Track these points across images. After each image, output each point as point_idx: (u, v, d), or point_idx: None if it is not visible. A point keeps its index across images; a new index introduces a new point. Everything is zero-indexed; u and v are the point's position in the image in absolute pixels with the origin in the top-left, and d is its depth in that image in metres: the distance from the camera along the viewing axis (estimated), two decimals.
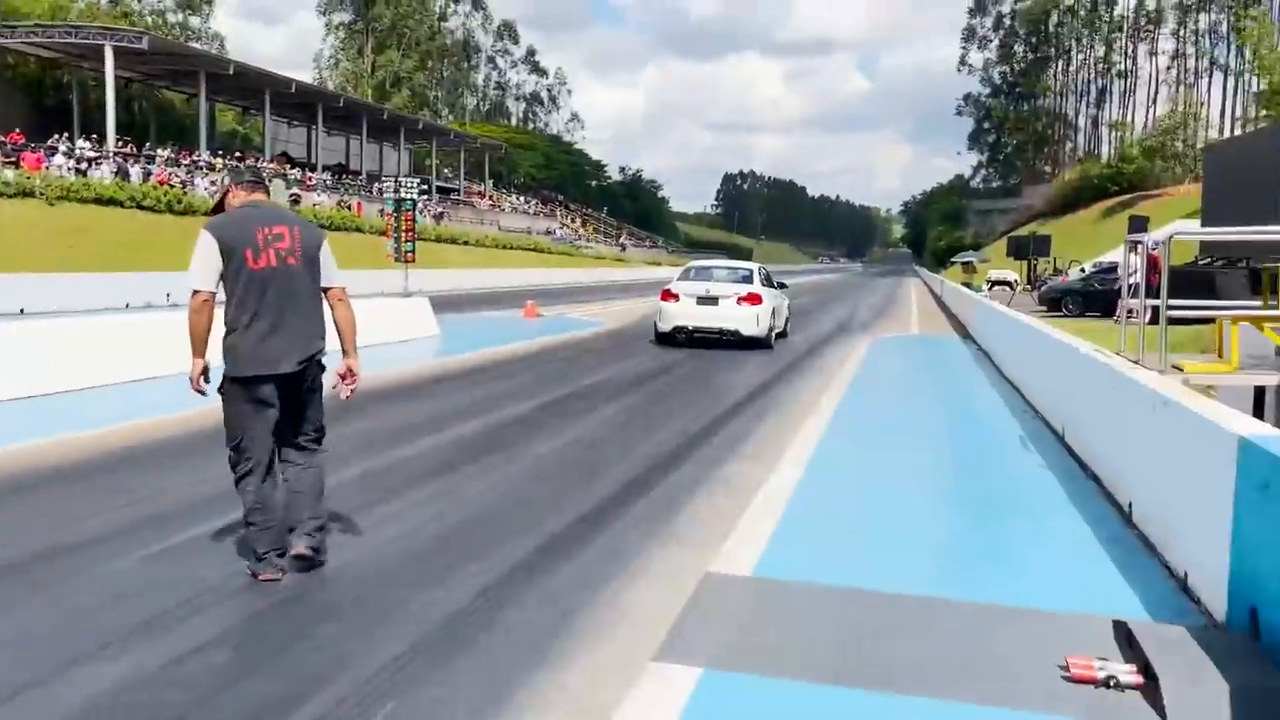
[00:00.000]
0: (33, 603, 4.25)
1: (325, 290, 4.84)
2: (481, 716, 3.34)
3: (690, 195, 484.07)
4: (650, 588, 4.70)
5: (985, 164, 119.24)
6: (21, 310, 20.69)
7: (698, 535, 5.59)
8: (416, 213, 20.75)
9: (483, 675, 3.66)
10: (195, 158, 43.28)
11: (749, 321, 16.21)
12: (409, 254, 19.97)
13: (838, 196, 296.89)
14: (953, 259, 73.83)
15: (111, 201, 31.42)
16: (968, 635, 4.18)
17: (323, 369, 4.84)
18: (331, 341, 4.79)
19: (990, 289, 40.70)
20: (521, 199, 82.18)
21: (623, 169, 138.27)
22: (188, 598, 4.33)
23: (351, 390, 4.95)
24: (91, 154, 36.31)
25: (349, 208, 47.63)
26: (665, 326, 16.83)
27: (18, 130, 36.42)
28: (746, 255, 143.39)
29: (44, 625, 4.00)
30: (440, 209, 59.55)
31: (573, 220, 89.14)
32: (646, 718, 3.35)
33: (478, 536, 5.41)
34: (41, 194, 29.16)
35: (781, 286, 18.71)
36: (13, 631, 3.92)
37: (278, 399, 4.65)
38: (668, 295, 16.91)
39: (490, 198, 74.87)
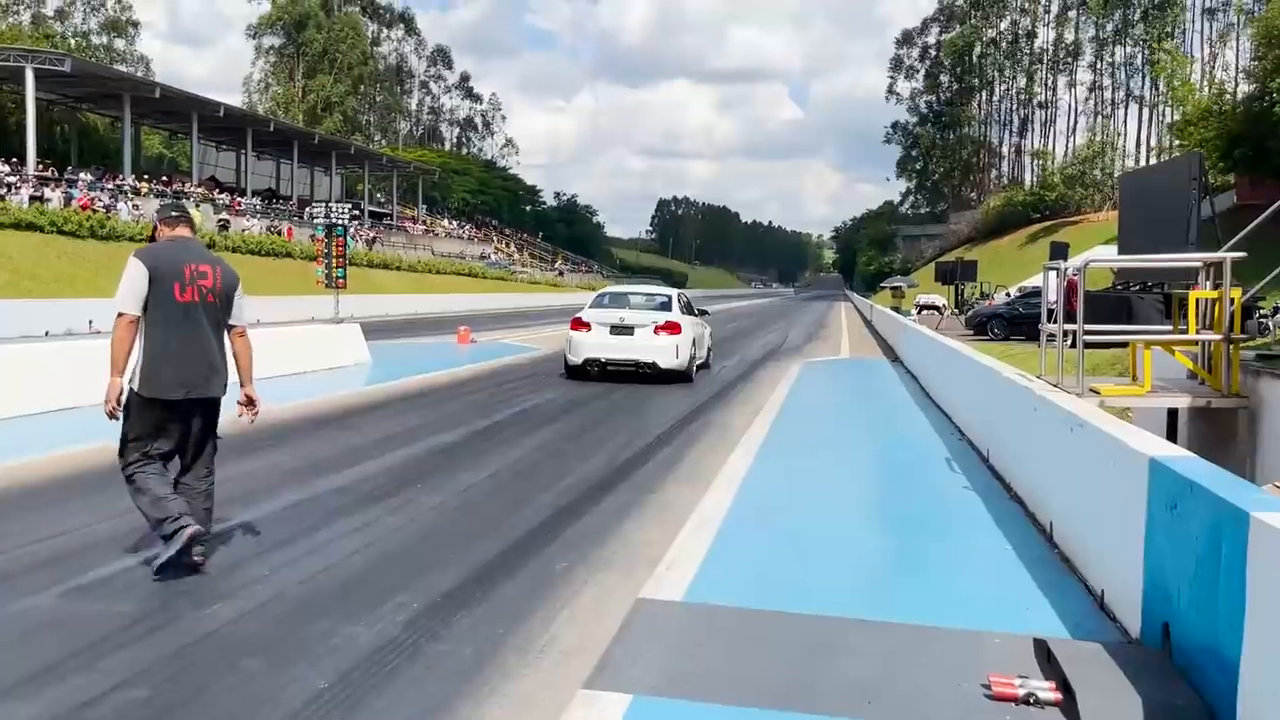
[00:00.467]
0: None
1: (231, 327, 5.35)
2: None
3: (625, 220, 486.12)
4: (579, 616, 4.67)
5: (914, 190, 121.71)
6: None
7: (628, 561, 5.58)
8: (348, 238, 20.55)
9: (409, 709, 3.61)
10: (120, 182, 42.32)
11: (667, 352, 14.84)
12: (340, 280, 19.72)
13: (770, 222, 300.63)
14: (882, 284, 75.13)
15: (30, 226, 30.56)
16: (893, 655, 4.24)
17: (216, 412, 5.31)
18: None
19: (919, 313, 41.49)
20: (456, 224, 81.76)
21: (558, 194, 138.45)
22: (104, 634, 4.20)
23: (254, 417, 5.45)
24: (9, 178, 35.29)
25: (279, 233, 46.93)
26: (576, 359, 15.17)
27: None
28: (681, 281, 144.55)
29: None
30: (373, 234, 58.95)
31: (508, 245, 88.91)
32: None
33: (404, 567, 5.34)
34: None
35: (702, 314, 17.55)
36: None
37: (178, 423, 5.10)
38: (578, 324, 15.21)
39: (424, 222, 74.36)
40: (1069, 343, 9.42)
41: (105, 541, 5.66)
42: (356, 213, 43.37)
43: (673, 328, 14.97)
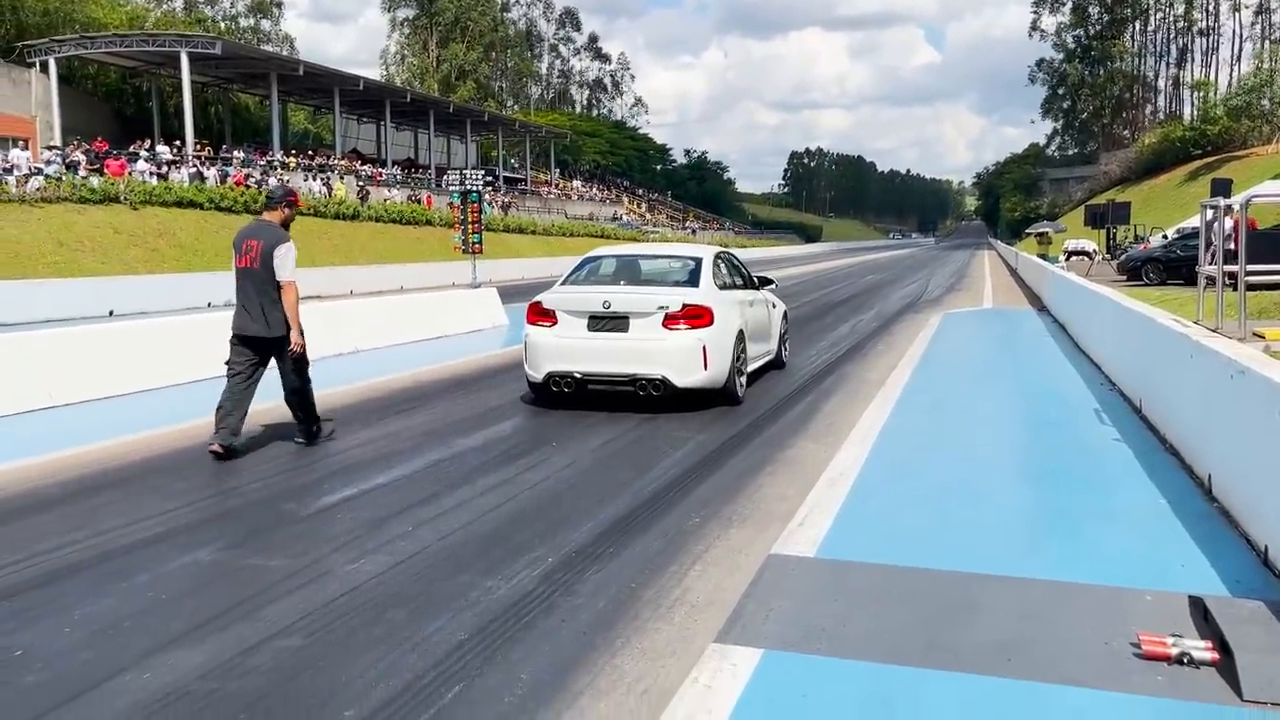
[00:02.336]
0: (117, 592, 4.41)
1: (277, 285, 7.08)
2: (539, 700, 3.38)
3: (756, 176, 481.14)
4: (710, 571, 4.69)
5: (1060, 131, 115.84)
6: (111, 312, 21.42)
7: (760, 517, 5.56)
8: (484, 204, 20.95)
9: (545, 660, 3.70)
10: (269, 158, 44.24)
11: (685, 358, 8.64)
12: (476, 245, 20.15)
13: (908, 171, 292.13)
14: (1027, 230, 71.96)
15: (191, 204, 32.30)
16: (1036, 612, 4.11)
17: (272, 347, 7.18)
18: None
19: (1067, 259, 39.63)
20: (587, 186, 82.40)
21: (687, 152, 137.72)
22: (262, 588, 4.45)
23: (293, 353, 7.14)
24: (171, 158, 37.34)
25: (419, 201, 48.27)
26: (536, 374, 9.07)
27: (101, 139, 37.63)
28: (815, 234, 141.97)
29: (129, 613, 4.14)
30: (507, 199, 60.00)
31: (639, 205, 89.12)
32: (706, 698, 3.35)
33: (539, 524, 5.45)
34: (125, 199, 30.10)
35: (764, 283, 11.03)
36: (103, 619, 4.07)
37: (239, 351, 7.20)
38: (539, 314, 9.15)
39: (556, 186, 75.21)
40: (1231, 285, 8.85)
41: (264, 500, 5.99)
42: (490, 179, 44.03)
43: (696, 316, 8.72)
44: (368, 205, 42.63)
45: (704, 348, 8.66)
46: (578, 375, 8.80)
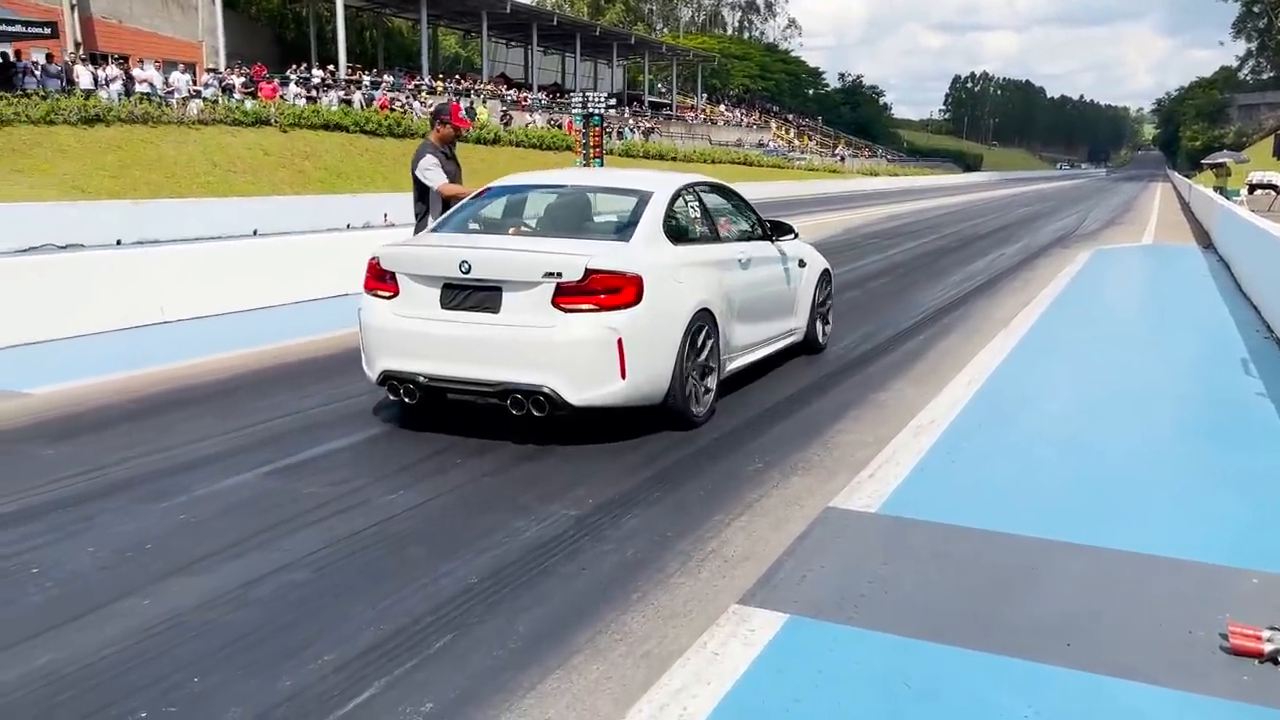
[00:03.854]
0: (150, 514, 4.40)
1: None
2: (530, 657, 3.14)
3: (916, 101, 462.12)
4: (756, 523, 4.34)
5: (1255, 53, 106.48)
6: (255, 231, 22.19)
7: (828, 466, 5.16)
8: (626, 129, 20.63)
9: (550, 609, 3.46)
10: (418, 82, 44.88)
11: (586, 358, 5.25)
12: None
13: (1080, 97, 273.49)
14: (1204, 160, 66.58)
15: (337, 127, 33.10)
16: (1110, 588, 3.62)
17: None
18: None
19: (1249, 194, 36.45)
20: (734, 111, 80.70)
21: (842, 76, 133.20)
22: (291, 515, 4.36)
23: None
24: (322, 81, 38.30)
25: (559, 126, 48.23)
26: (371, 369, 5.82)
27: (260, 63, 38.88)
28: (975, 163, 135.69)
29: (154, 535, 4.12)
30: (650, 125, 59.33)
31: (786, 131, 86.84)
32: (708, 667, 3.05)
33: (588, 464, 5.19)
34: (275, 122, 31.06)
35: (779, 232, 7.42)
36: (127, 540, 4.06)
37: None
38: (376, 278, 5.76)
39: (702, 111, 73.91)
40: None
41: (326, 424, 5.93)
42: (613, 101, 43.37)
43: (612, 289, 5.28)
44: (509, 130, 42.82)
45: (618, 341, 5.13)
46: (423, 379, 5.40)
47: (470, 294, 5.33)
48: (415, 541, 4.09)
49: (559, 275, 5.14)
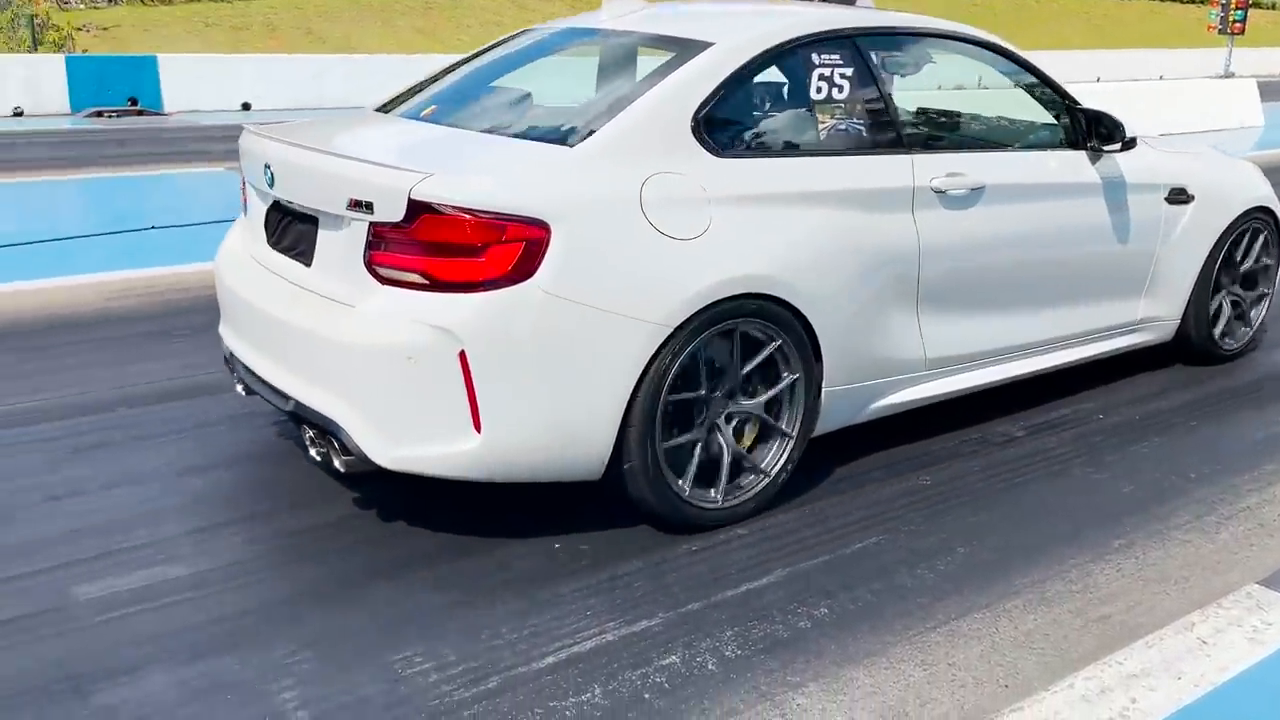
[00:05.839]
0: None
1: None
2: (953, 585, 2.66)
3: None
4: None
5: None
6: None
7: None
8: None
9: (998, 538, 2.92)
10: None
11: (386, 375, 2.61)
12: (1236, 24, 16.54)
13: None
14: None
15: None
16: None
17: None
18: None
19: None
20: None
21: None
22: None
23: None
24: None
25: None
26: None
27: None
28: None
29: None
30: None
31: None
32: (1182, 660, 2.34)
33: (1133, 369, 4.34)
34: None
35: (1106, 135, 3.72)
36: None
37: None
38: (244, 187, 3.39)
39: None
40: None
41: None
42: None
43: (474, 250, 2.55)
44: None
45: (461, 358, 2.55)
46: (241, 366, 3.19)
47: (289, 227, 3.04)
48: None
49: (368, 208, 2.63)
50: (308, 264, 2.89)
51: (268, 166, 2.99)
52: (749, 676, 2.27)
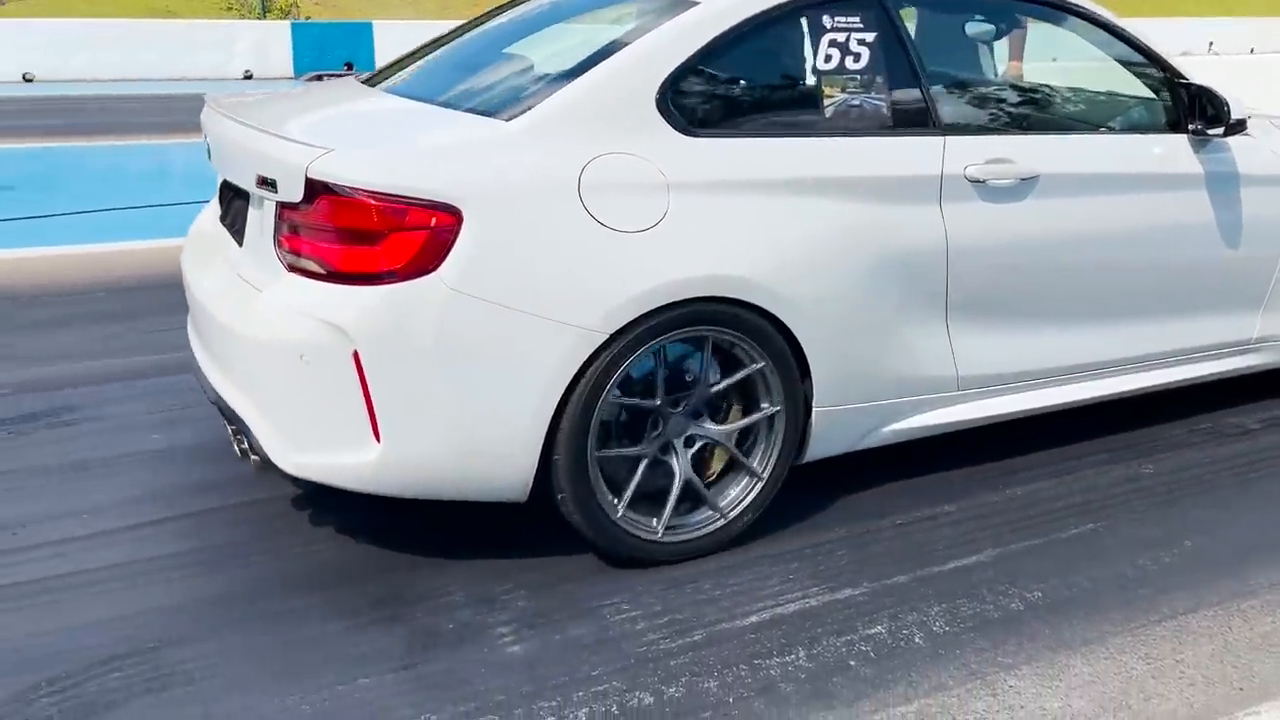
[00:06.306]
0: None
1: None
2: (1181, 578, 2.52)
3: None
4: None
5: None
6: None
7: None
8: None
9: (1236, 530, 2.74)
10: None
11: (280, 373, 2.36)
12: None
13: None
14: None
15: None
16: None
17: None
18: None
19: None
20: None
21: None
22: None
23: None
24: None
25: None
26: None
27: None
28: None
29: None
30: None
31: None
32: None
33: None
34: None
35: (1212, 118, 3.07)
36: None
37: None
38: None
39: None
40: None
41: None
42: None
43: (372, 237, 2.25)
44: None
45: (355, 358, 2.25)
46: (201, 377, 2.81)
47: (232, 203, 2.83)
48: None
49: (273, 186, 2.37)
50: (240, 245, 2.67)
51: (207, 139, 2.83)
52: (958, 654, 2.22)
